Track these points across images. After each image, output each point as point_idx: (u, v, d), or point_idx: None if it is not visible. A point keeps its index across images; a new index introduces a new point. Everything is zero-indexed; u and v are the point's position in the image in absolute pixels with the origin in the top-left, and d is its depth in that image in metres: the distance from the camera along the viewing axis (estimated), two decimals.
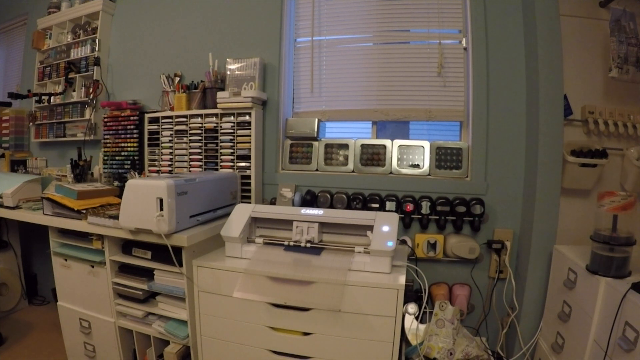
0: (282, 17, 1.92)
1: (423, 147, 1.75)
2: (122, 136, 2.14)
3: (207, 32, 2.07)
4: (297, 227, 1.30)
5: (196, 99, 1.94)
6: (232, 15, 2.01)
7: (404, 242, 1.67)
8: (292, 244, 1.29)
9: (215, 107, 1.85)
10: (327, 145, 1.88)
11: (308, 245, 1.28)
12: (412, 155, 1.77)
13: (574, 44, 1.51)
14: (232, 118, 1.84)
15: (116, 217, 1.36)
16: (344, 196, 1.70)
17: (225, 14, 2.03)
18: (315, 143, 1.90)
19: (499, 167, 1.64)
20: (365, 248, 1.22)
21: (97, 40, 2.28)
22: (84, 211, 1.50)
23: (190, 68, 2.10)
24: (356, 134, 1.97)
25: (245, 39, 1.98)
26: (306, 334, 1.18)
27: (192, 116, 1.93)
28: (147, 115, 2.05)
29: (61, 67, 2.38)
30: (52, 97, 2.40)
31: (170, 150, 2.00)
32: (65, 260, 1.61)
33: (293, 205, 1.76)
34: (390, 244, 1.15)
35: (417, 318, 1.35)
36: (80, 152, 2.16)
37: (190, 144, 1.94)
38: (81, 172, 2.08)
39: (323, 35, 1.93)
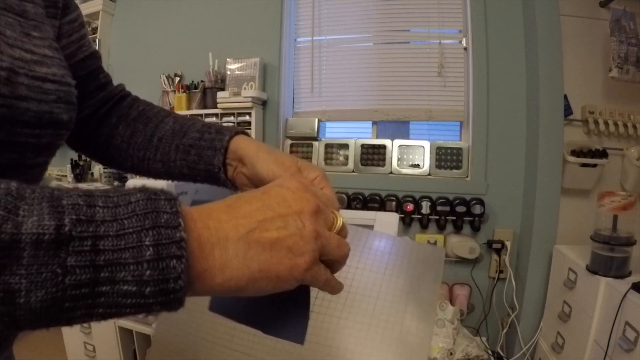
0: (282, 17, 1.92)
1: (423, 147, 1.75)
2: None
3: (207, 32, 2.07)
4: None
5: (196, 99, 1.94)
6: (232, 15, 2.01)
7: None
8: None
9: (216, 107, 1.85)
10: (327, 145, 1.88)
11: None
12: (412, 155, 1.77)
13: (574, 44, 1.51)
14: (232, 118, 1.84)
15: None
16: (344, 196, 1.70)
17: (225, 14, 2.03)
18: (315, 143, 1.90)
19: (499, 167, 1.64)
20: None
21: (97, 40, 2.28)
22: None
23: (190, 68, 2.09)
24: (356, 134, 1.97)
25: (245, 39, 1.98)
26: None
27: (192, 116, 1.93)
28: None
29: None
30: None
31: None
32: None
33: None
34: None
35: None
36: None
37: None
38: (81, 172, 2.08)
39: (323, 35, 1.93)
